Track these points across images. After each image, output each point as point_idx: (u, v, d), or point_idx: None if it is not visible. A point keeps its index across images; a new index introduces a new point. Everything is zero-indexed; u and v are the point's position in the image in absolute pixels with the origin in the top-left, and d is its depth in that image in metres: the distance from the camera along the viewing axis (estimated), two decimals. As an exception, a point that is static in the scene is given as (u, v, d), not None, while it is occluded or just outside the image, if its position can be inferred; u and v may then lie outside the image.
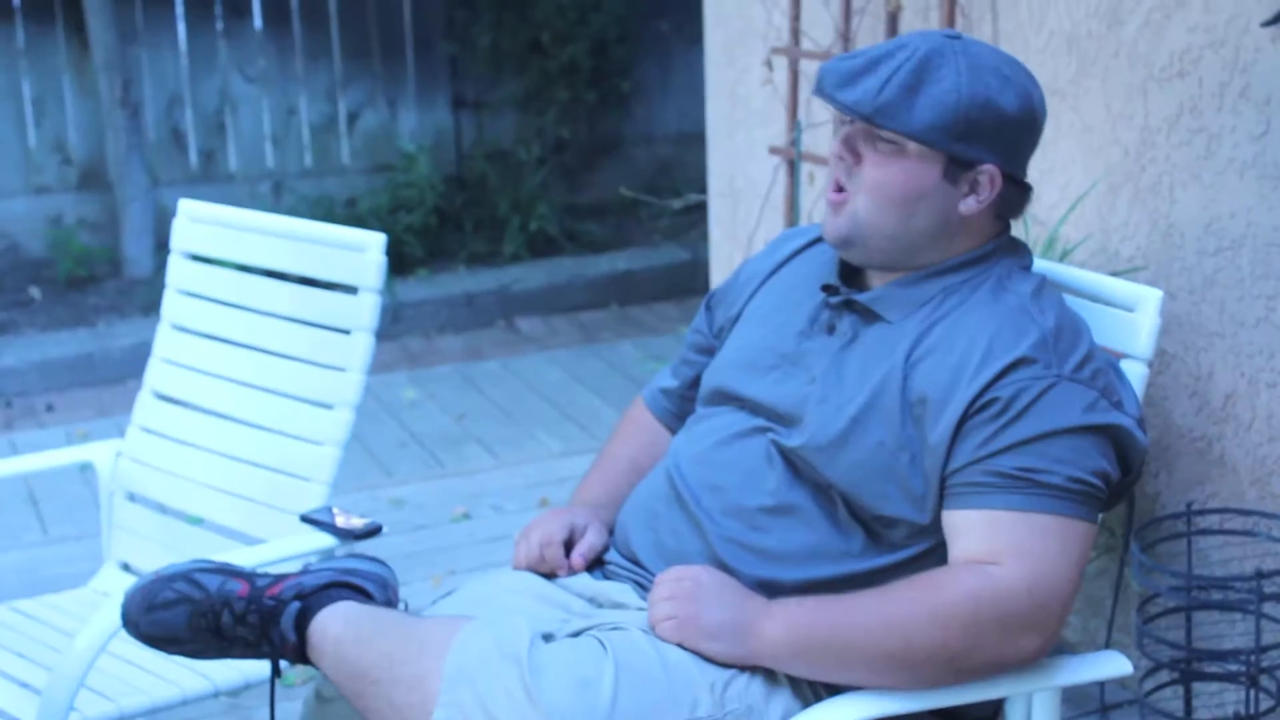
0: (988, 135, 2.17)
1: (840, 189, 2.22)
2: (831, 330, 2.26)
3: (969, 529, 2.06)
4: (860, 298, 2.24)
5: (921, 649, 2.02)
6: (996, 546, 2.04)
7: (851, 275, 2.30)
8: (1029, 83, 2.22)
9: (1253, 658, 2.88)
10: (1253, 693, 2.90)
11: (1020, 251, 2.28)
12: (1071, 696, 3.28)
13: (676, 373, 2.57)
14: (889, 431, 2.11)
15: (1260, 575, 2.79)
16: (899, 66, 2.15)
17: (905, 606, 2.03)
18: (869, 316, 2.23)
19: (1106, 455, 2.10)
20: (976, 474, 2.07)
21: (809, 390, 2.21)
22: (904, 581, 2.07)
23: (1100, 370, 2.14)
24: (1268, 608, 2.92)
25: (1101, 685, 3.35)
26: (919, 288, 2.22)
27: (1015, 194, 2.25)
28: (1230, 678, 2.98)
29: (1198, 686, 3.09)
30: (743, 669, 2.09)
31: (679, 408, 2.53)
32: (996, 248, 2.26)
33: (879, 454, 2.11)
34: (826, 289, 2.29)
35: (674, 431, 2.49)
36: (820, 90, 2.19)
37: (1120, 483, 2.15)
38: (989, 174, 2.19)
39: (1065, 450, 2.06)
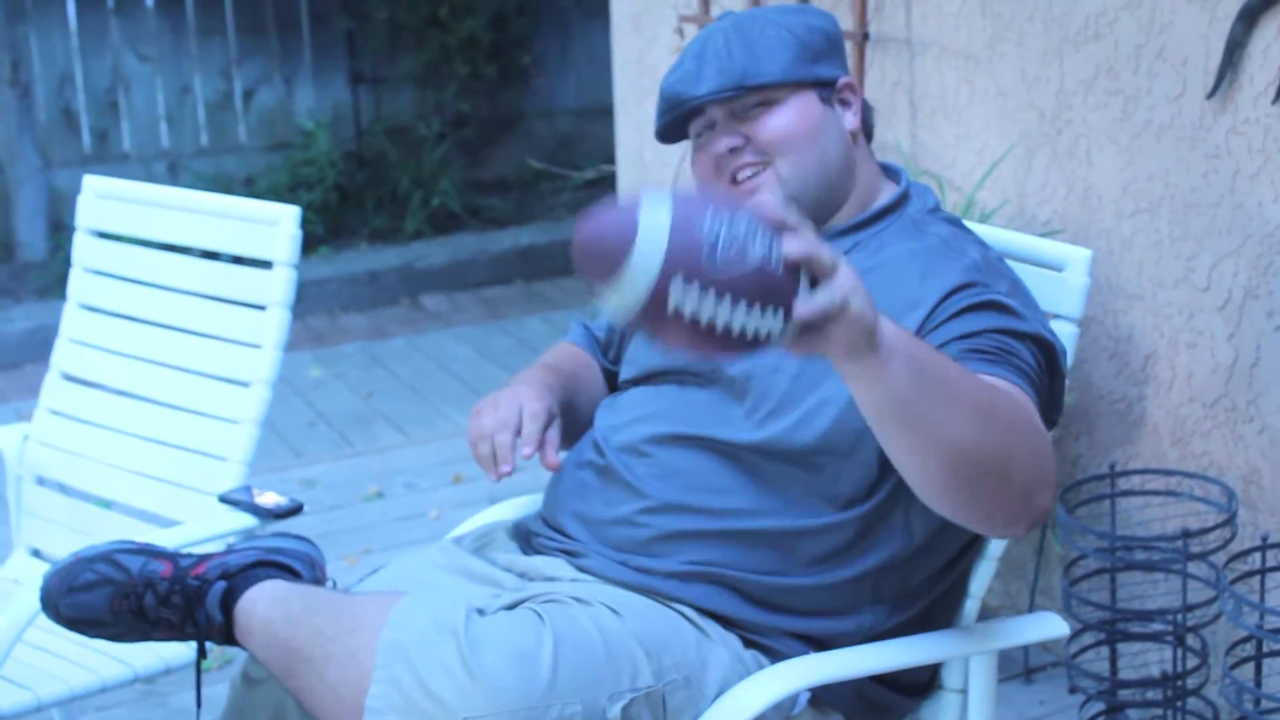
0: (826, 51, 2.25)
1: (745, 174, 2.21)
2: None
3: None
4: None
5: (1003, 418, 1.90)
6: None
7: None
8: (806, 5, 2.34)
9: (1179, 617, 2.89)
10: (1179, 651, 2.92)
11: (924, 194, 2.32)
12: (996, 660, 3.29)
13: (600, 326, 2.57)
14: (834, 376, 2.08)
15: (1186, 534, 2.80)
16: (724, 43, 2.22)
17: (990, 384, 1.94)
18: None
19: (1040, 363, 2.08)
20: (952, 353, 2.00)
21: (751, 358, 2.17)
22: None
23: (1027, 300, 2.16)
24: (1192, 567, 2.93)
25: (1026, 649, 3.36)
26: (833, 244, 2.19)
27: (865, 107, 2.33)
28: (1155, 637, 3.00)
29: (1121, 647, 3.11)
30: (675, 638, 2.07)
31: (605, 352, 2.54)
32: (902, 196, 2.28)
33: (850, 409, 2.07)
34: None
35: (601, 366, 2.51)
36: (676, 103, 2.23)
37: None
38: (847, 83, 2.28)
39: (1020, 346, 2.05)
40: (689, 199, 1.68)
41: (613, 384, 2.48)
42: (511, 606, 2.08)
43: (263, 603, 2.13)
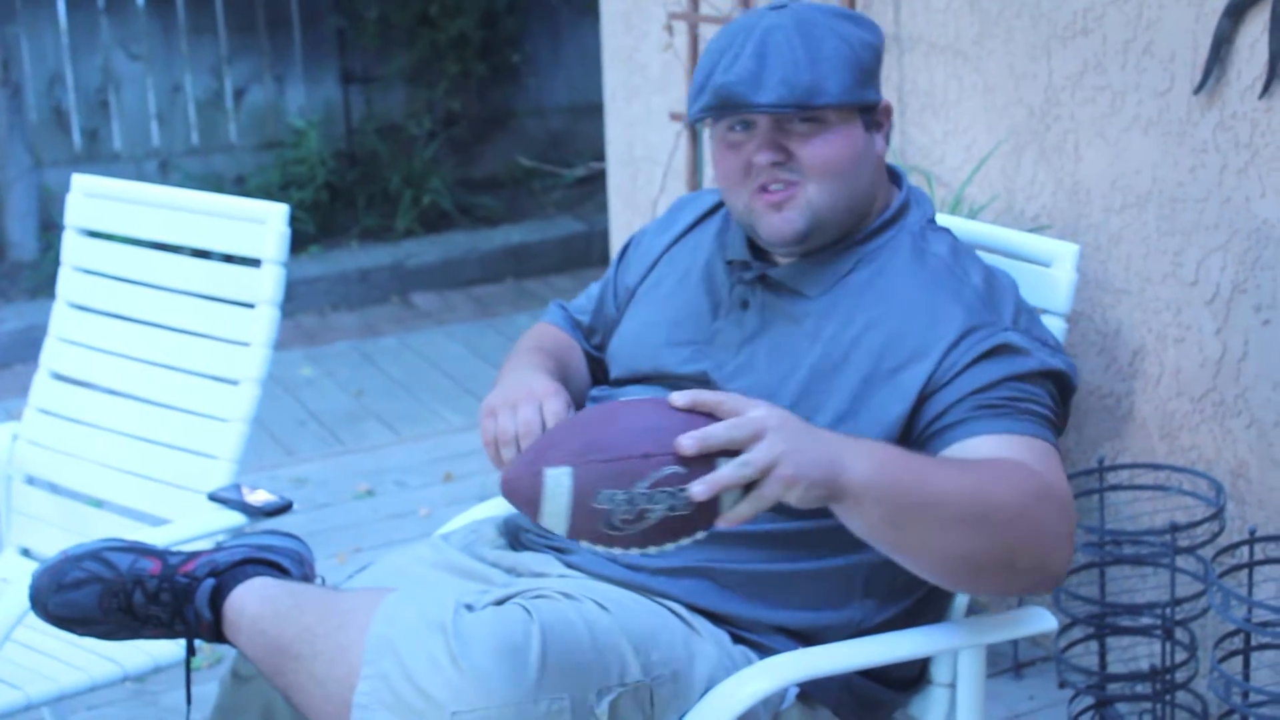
0: (874, 71, 2.20)
1: (776, 188, 2.17)
2: (745, 306, 2.24)
3: (990, 450, 2.00)
4: (775, 273, 2.22)
5: (999, 519, 1.91)
6: (1027, 460, 1.99)
7: (757, 249, 2.27)
8: (857, 13, 2.27)
9: (1167, 611, 2.90)
10: (1168, 645, 2.92)
11: (922, 203, 2.29)
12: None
13: (581, 310, 2.56)
14: (834, 406, 2.10)
15: (1174, 528, 2.81)
16: (787, 47, 2.12)
17: (985, 477, 1.94)
18: (784, 292, 2.21)
19: (1053, 394, 2.11)
20: (964, 410, 2.04)
21: (732, 372, 2.18)
22: (974, 460, 1.98)
23: (1032, 319, 2.16)
24: (1180, 561, 2.94)
25: (1015, 643, 3.37)
26: (835, 262, 2.21)
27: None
28: (1144, 631, 3.00)
29: (1110, 641, 3.11)
30: (665, 631, 2.07)
31: (589, 337, 2.53)
32: (903, 206, 2.26)
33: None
34: (734, 264, 2.27)
35: (584, 350, 2.50)
36: (731, 104, 2.12)
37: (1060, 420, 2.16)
38: (885, 107, 2.24)
39: (1032, 388, 2.07)
40: (589, 474, 1.77)
41: (594, 368, 2.48)
42: (500, 602, 2.08)
43: (251, 600, 2.13)
